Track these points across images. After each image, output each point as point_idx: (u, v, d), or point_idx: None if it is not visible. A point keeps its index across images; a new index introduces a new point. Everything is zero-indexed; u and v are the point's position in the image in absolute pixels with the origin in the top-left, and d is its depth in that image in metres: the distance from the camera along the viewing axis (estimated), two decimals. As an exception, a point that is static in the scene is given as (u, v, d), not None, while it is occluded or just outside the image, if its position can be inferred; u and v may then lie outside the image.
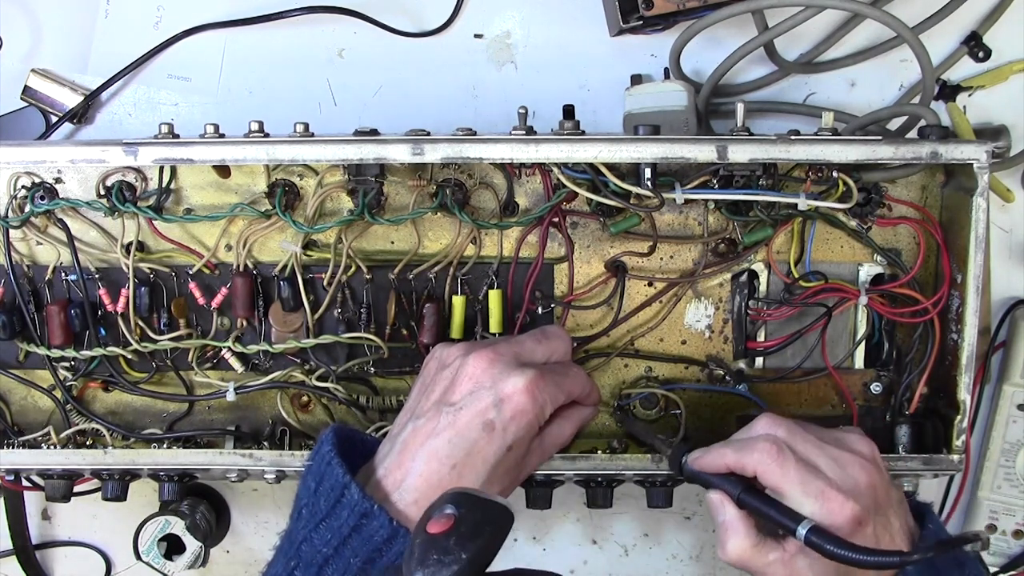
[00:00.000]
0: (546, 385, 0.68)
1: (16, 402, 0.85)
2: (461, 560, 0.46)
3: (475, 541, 0.47)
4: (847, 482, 0.65)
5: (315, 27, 0.90)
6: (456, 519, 0.48)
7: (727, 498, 0.67)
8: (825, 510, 0.64)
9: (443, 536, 0.47)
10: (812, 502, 0.64)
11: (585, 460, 0.79)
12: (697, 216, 0.83)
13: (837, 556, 0.61)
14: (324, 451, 0.66)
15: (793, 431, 0.68)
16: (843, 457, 0.66)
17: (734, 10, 0.80)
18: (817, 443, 0.67)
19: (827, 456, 0.66)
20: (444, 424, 0.66)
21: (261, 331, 0.83)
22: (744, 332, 0.84)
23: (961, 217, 0.78)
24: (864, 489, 0.65)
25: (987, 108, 0.91)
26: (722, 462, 0.68)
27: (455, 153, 0.74)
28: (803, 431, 0.68)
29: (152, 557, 0.88)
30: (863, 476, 0.66)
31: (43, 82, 0.90)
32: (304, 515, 0.65)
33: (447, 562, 0.45)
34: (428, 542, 0.46)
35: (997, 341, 0.92)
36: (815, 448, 0.67)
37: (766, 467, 0.66)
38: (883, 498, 0.66)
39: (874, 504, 0.65)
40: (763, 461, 0.66)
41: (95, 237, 0.82)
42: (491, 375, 0.67)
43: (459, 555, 0.46)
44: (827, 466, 0.66)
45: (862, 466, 0.66)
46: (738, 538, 0.66)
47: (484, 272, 0.83)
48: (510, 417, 0.66)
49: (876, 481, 0.66)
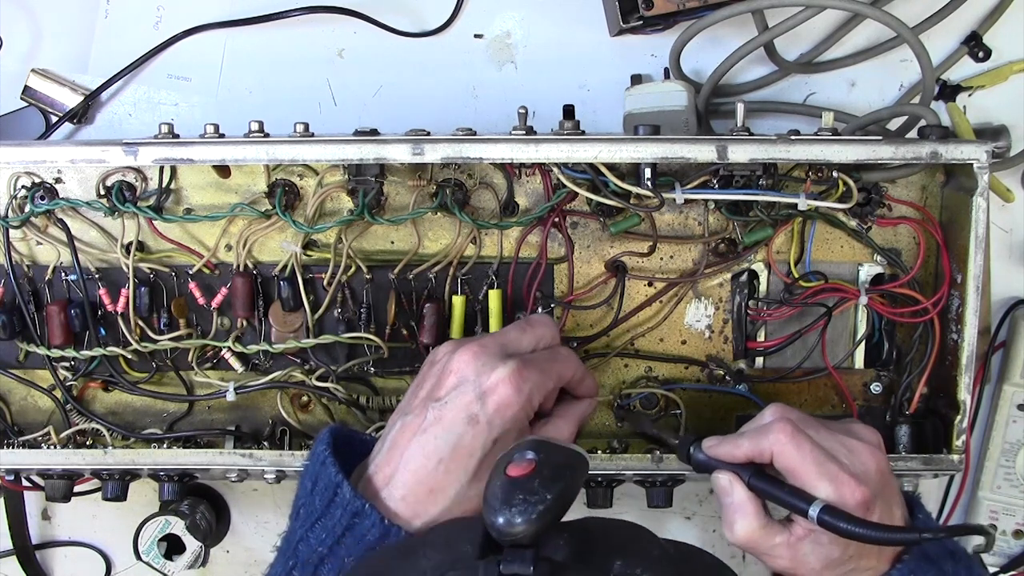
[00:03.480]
0: (530, 374, 0.68)
1: (16, 402, 0.85)
2: (547, 500, 0.46)
3: (558, 483, 0.47)
4: (858, 467, 0.66)
5: (315, 27, 0.90)
6: (538, 462, 0.48)
7: (737, 480, 0.68)
8: (838, 493, 0.65)
9: (526, 478, 0.47)
10: (827, 484, 0.65)
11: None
12: (697, 216, 0.83)
13: (853, 534, 0.61)
14: (319, 451, 0.66)
15: (804, 417, 0.69)
16: (852, 444, 0.68)
17: (734, 10, 0.80)
18: (828, 429, 0.69)
19: (838, 442, 0.68)
20: (430, 420, 0.66)
21: (261, 331, 0.83)
22: (744, 332, 0.84)
23: (961, 217, 0.78)
24: (873, 475, 0.66)
25: (987, 108, 0.91)
26: (739, 451, 0.68)
27: (455, 153, 0.74)
28: (812, 418, 0.70)
29: (152, 557, 0.88)
30: (872, 462, 0.67)
31: (43, 82, 0.90)
32: (301, 515, 0.66)
33: (533, 501, 0.46)
34: (511, 484, 0.47)
35: (997, 341, 0.91)
36: (827, 433, 0.68)
37: (783, 447, 0.66)
38: (888, 485, 0.68)
39: (881, 490, 0.67)
40: (780, 441, 0.66)
41: (95, 237, 0.82)
42: (475, 368, 0.67)
43: (544, 495, 0.46)
44: (839, 451, 0.67)
45: (871, 452, 0.67)
46: (747, 519, 0.67)
47: (484, 272, 0.83)
48: (494, 410, 0.66)
49: (884, 467, 0.68)
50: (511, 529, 0.45)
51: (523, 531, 0.45)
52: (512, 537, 0.46)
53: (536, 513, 0.46)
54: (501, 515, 0.46)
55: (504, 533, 0.46)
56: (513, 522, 0.45)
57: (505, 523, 0.45)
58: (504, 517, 0.45)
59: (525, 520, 0.45)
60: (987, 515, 0.92)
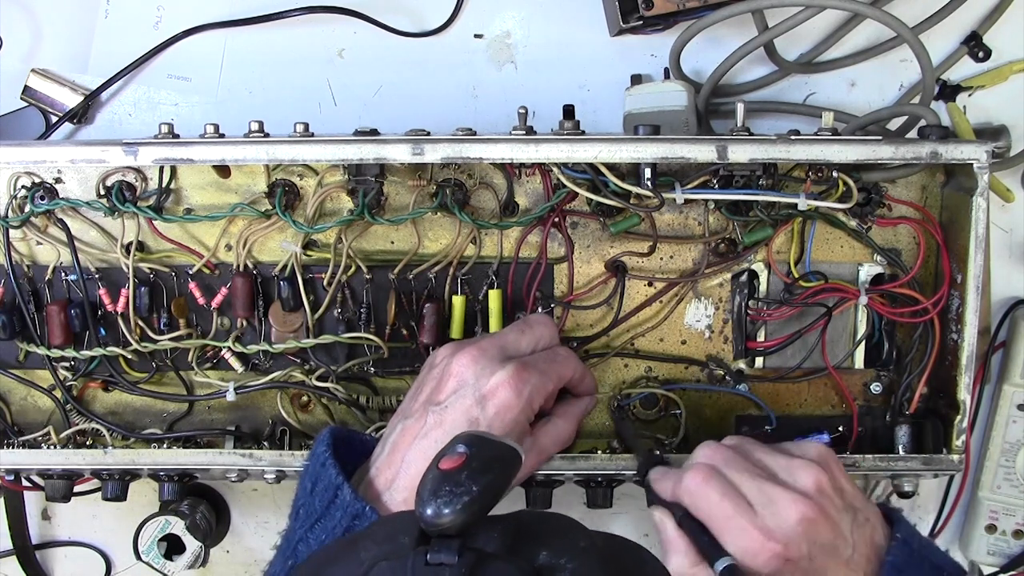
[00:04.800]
0: (529, 376, 0.68)
1: (16, 402, 0.85)
2: (472, 492, 0.47)
3: (486, 476, 0.48)
4: (774, 519, 0.64)
5: (315, 27, 0.90)
6: (468, 456, 0.49)
7: (669, 517, 0.68)
8: (743, 548, 0.64)
9: (456, 471, 0.48)
10: (733, 538, 0.64)
11: (585, 460, 0.79)
12: (697, 216, 0.83)
13: None
14: (319, 452, 0.66)
15: (730, 461, 0.67)
16: (775, 492, 0.65)
17: (734, 10, 0.80)
18: (752, 475, 0.66)
19: (759, 490, 0.65)
20: (431, 424, 0.67)
21: (261, 331, 0.83)
22: (744, 332, 0.84)
23: (961, 217, 0.78)
24: (792, 526, 0.64)
25: (987, 108, 0.91)
26: (668, 488, 0.68)
27: (455, 153, 0.74)
28: (742, 460, 0.67)
29: (152, 557, 0.88)
30: (793, 513, 0.64)
31: (43, 82, 0.90)
32: (301, 515, 0.66)
33: (459, 493, 0.47)
34: (440, 477, 0.48)
35: (997, 341, 0.91)
36: (749, 480, 0.66)
37: (692, 497, 0.66)
38: (823, 533, 0.65)
39: (809, 540, 0.64)
40: (689, 491, 0.66)
41: (95, 237, 0.82)
42: (474, 372, 0.68)
43: (470, 487, 0.47)
44: (757, 500, 0.65)
45: (794, 502, 0.64)
46: (677, 557, 0.67)
47: (484, 272, 0.83)
48: (494, 413, 0.67)
49: (812, 516, 0.64)
50: (438, 520, 0.46)
51: (449, 522, 0.46)
52: (439, 528, 0.47)
53: (461, 504, 0.47)
54: (429, 506, 0.47)
55: (431, 524, 0.47)
56: (440, 513, 0.46)
57: (432, 514, 0.47)
58: (431, 508, 0.47)
59: (452, 511, 0.46)
60: (987, 515, 0.92)
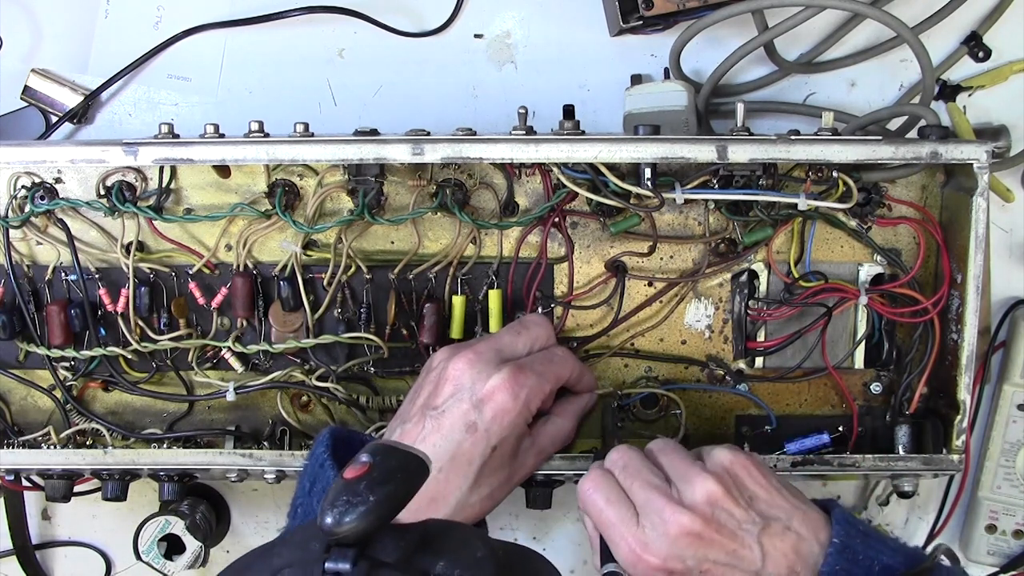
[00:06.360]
0: (526, 379, 0.68)
1: (16, 402, 0.85)
2: (368, 502, 0.47)
3: (385, 486, 0.48)
4: (653, 531, 0.63)
5: (315, 27, 0.90)
6: (370, 466, 0.49)
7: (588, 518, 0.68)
8: (622, 558, 0.64)
9: (355, 481, 0.48)
10: (614, 547, 0.65)
11: (585, 460, 0.79)
12: (697, 216, 0.83)
13: None
14: (318, 453, 0.66)
15: (629, 467, 0.67)
16: (659, 504, 0.64)
17: (734, 10, 0.80)
18: (644, 484, 0.66)
19: (647, 499, 0.65)
20: (429, 428, 0.67)
21: (261, 331, 0.83)
22: (744, 332, 0.84)
23: (961, 217, 0.78)
24: (672, 540, 0.63)
25: (987, 108, 0.91)
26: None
27: (455, 153, 0.74)
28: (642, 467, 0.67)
29: (152, 557, 0.88)
30: (673, 527, 0.63)
31: (43, 82, 0.90)
32: (299, 514, 0.66)
33: (355, 503, 0.47)
34: (341, 486, 0.48)
35: (997, 341, 0.91)
36: (639, 489, 0.65)
37: (583, 504, 0.67)
38: (714, 546, 0.63)
39: (694, 554, 0.63)
40: (580, 495, 0.67)
41: (95, 237, 0.82)
42: (471, 376, 0.68)
43: (367, 497, 0.48)
44: (643, 509, 0.65)
45: (676, 514, 0.63)
46: (594, 556, 0.68)
47: (484, 272, 0.83)
48: (491, 417, 0.67)
49: (697, 529, 0.63)
50: (335, 528, 0.47)
51: (345, 531, 0.47)
52: (336, 536, 0.47)
53: (357, 514, 0.47)
54: (328, 515, 0.47)
55: (329, 532, 0.47)
56: (339, 522, 0.47)
57: (331, 523, 0.47)
58: (329, 517, 0.47)
59: (349, 520, 0.47)
60: (987, 515, 0.92)
